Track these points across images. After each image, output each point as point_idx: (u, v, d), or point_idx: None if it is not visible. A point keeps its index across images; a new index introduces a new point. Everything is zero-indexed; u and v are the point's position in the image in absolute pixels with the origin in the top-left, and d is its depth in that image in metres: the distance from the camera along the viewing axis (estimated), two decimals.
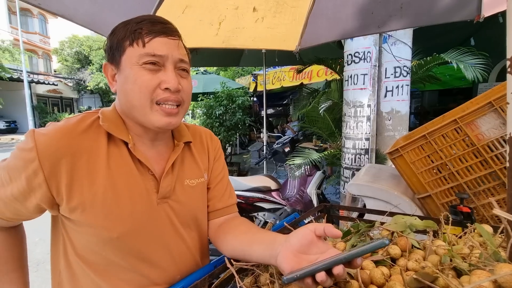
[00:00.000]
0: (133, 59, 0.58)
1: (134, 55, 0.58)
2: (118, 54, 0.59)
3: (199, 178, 0.74)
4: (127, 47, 0.58)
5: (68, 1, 0.89)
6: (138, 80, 0.57)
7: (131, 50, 0.58)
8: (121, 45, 0.59)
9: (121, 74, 0.60)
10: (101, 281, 0.61)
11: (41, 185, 0.54)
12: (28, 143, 0.53)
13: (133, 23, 0.59)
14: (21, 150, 0.55)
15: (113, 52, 0.60)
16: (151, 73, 0.58)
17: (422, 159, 1.20)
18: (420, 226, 0.71)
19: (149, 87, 0.58)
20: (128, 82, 0.58)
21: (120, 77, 0.60)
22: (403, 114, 2.83)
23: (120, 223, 0.59)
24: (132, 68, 0.58)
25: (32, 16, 21.34)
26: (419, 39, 3.01)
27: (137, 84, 0.57)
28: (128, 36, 0.58)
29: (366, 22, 1.44)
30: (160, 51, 0.58)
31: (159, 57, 0.58)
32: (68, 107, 22.05)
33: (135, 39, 0.58)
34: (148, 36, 0.58)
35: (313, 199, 2.59)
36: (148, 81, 0.58)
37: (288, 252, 0.49)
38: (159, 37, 0.59)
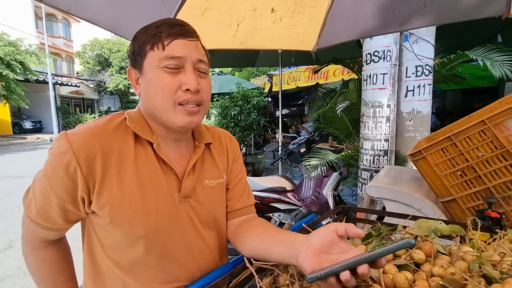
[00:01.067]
0: (154, 62, 0.60)
1: (155, 59, 0.59)
2: (140, 58, 0.61)
3: (219, 178, 0.75)
4: (148, 51, 0.60)
5: (94, 7, 0.93)
6: (160, 83, 0.59)
7: (152, 54, 0.60)
8: (142, 49, 0.61)
9: (144, 78, 0.62)
10: (127, 277, 0.63)
11: (82, 183, 0.57)
12: (62, 146, 0.56)
13: (153, 27, 0.61)
14: (56, 155, 0.57)
15: (135, 57, 0.62)
16: (172, 75, 0.60)
17: (446, 161, 1.15)
18: (446, 231, 0.68)
19: (170, 89, 0.59)
20: (150, 85, 0.60)
21: (143, 81, 0.62)
22: (424, 115, 2.74)
23: (146, 221, 0.61)
24: (153, 72, 0.60)
25: (56, 21, 22.38)
26: (442, 36, 2.90)
27: (159, 87, 0.59)
28: (149, 41, 0.60)
29: (386, 20, 1.40)
30: (179, 53, 0.59)
31: (178, 59, 0.60)
32: (89, 108, 22.95)
33: (155, 43, 0.59)
34: (167, 39, 0.59)
35: (329, 200, 2.55)
36: (169, 84, 0.59)
37: (309, 251, 0.49)
38: (178, 39, 0.60)
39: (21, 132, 17.08)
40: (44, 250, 0.66)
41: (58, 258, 0.68)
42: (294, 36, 1.52)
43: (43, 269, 0.67)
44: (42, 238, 0.65)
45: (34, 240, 0.65)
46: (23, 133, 16.99)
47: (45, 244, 0.66)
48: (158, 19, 0.64)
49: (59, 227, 0.62)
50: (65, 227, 0.64)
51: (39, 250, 0.66)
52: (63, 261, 0.69)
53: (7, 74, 11.43)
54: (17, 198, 4.71)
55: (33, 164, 7.86)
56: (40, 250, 0.66)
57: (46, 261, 0.67)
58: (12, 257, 2.84)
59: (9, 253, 2.93)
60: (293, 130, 9.04)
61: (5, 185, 5.56)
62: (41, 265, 0.67)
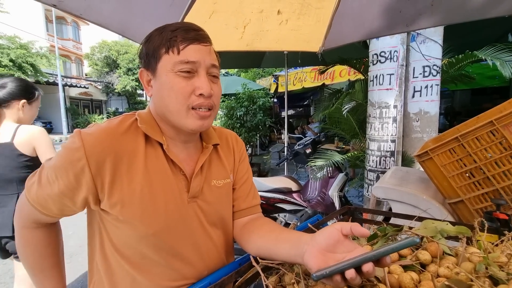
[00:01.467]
0: (168, 66, 0.61)
1: (169, 63, 0.61)
2: (154, 61, 0.62)
3: (225, 179, 0.76)
4: (163, 55, 0.61)
5: (106, 11, 0.96)
6: (175, 87, 0.60)
7: (167, 57, 0.61)
8: (157, 52, 0.62)
9: (157, 80, 0.63)
10: (136, 273, 0.65)
11: (88, 182, 0.58)
12: (75, 143, 0.57)
13: (168, 31, 0.61)
14: (68, 150, 0.58)
15: (149, 59, 0.63)
16: (186, 80, 0.61)
17: (454, 162, 1.14)
18: (452, 232, 0.68)
19: (184, 93, 0.61)
20: (164, 89, 0.61)
21: (156, 83, 0.63)
22: (432, 115, 2.71)
23: (155, 220, 0.63)
24: (167, 75, 0.61)
25: (66, 24, 22.83)
26: (451, 36, 2.86)
27: (173, 91, 0.61)
28: (164, 44, 0.61)
29: (393, 21, 1.40)
30: (193, 58, 0.61)
31: (192, 63, 0.61)
32: (98, 109, 23.31)
33: (170, 46, 0.60)
34: (182, 44, 0.61)
35: (335, 201, 2.54)
36: (183, 88, 0.60)
37: (315, 250, 0.49)
38: (193, 44, 0.61)
39: None
40: (33, 230, 0.67)
41: (45, 242, 0.68)
42: (300, 37, 1.53)
43: (27, 249, 0.67)
44: (35, 219, 0.65)
45: (25, 219, 0.66)
46: None
47: (36, 225, 0.66)
48: (166, 22, 0.65)
49: (53, 215, 0.64)
50: (58, 216, 0.65)
51: (28, 229, 0.66)
52: (48, 246, 0.69)
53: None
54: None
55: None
56: (28, 230, 0.66)
57: (31, 242, 0.67)
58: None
59: None
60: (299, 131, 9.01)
61: None
62: (26, 245, 0.67)
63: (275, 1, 1.30)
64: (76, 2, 0.85)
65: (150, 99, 0.69)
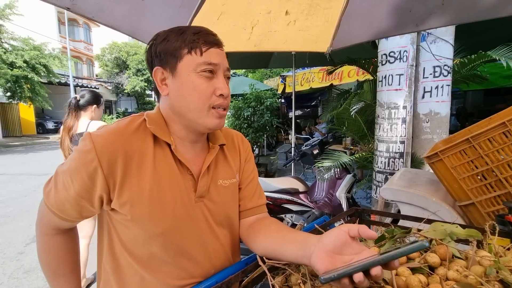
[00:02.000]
0: (191, 66, 0.62)
1: (192, 63, 0.62)
2: (174, 60, 0.63)
3: (232, 178, 0.77)
4: (185, 55, 0.63)
5: (117, 14, 0.98)
6: (198, 87, 0.63)
7: (189, 57, 0.63)
8: (177, 52, 0.63)
9: (177, 79, 0.64)
10: (145, 272, 0.66)
11: (102, 182, 0.60)
12: (87, 145, 0.59)
13: (190, 34, 0.63)
14: (80, 152, 0.60)
15: (167, 58, 0.64)
16: (207, 81, 0.63)
17: (464, 164, 1.12)
18: (462, 235, 0.67)
19: (207, 93, 0.63)
20: (186, 88, 0.63)
21: (175, 82, 0.64)
22: (443, 116, 2.66)
23: (164, 219, 0.64)
24: (189, 75, 0.63)
25: (78, 26, 23.32)
26: (462, 35, 2.80)
27: (196, 91, 0.63)
28: (187, 45, 0.63)
29: (403, 20, 1.38)
30: (215, 60, 0.64)
31: (214, 65, 0.63)
32: (108, 109, 23.68)
33: (193, 48, 0.62)
34: (205, 46, 0.63)
35: (343, 203, 2.52)
36: (206, 89, 0.63)
37: (322, 252, 0.49)
38: (213, 47, 0.64)
39: (44, 132, 17.93)
40: (54, 237, 0.69)
41: (65, 248, 0.71)
42: (308, 37, 1.52)
43: (49, 255, 0.70)
44: (55, 225, 0.67)
45: (46, 227, 0.68)
46: (46, 133, 17.82)
47: (56, 231, 0.68)
48: (176, 23, 0.67)
49: (72, 219, 0.65)
50: (77, 220, 0.67)
51: (49, 236, 0.68)
52: (69, 252, 0.72)
53: (32, 77, 12.02)
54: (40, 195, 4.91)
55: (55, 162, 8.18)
56: (49, 237, 0.68)
57: (52, 248, 0.69)
58: (36, 251, 2.98)
59: (33, 246, 3.08)
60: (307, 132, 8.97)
61: (29, 182, 5.84)
62: (47, 252, 0.70)
63: (283, 2, 1.31)
64: (89, 5, 0.87)
65: (161, 99, 0.70)
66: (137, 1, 0.97)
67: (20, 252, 2.96)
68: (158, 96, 0.71)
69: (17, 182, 5.88)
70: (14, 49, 11.85)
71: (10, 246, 3.10)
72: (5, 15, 10.96)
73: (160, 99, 0.70)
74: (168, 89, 0.66)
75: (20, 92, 12.00)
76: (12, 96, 12.27)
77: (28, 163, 8.18)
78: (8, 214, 4.02)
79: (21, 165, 7.93)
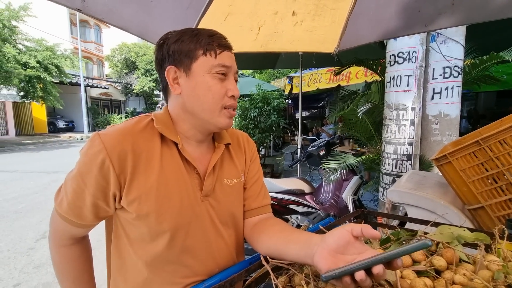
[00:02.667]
0: (205, 67, 0.64)
1: (207, 64, 0.64)
2: (189, 60, 0.65)
3: (237, 178, 0.78)
4: (200, 56, 0.64)
5: (126, 15, 1.00)
6: (213, 87, 0.65)
7: (204, 59, 0.64)
8: (192, 53, 0.65)
9: (191, 79, 0.65)
10: (150, 270, 0.67)
11: (114, 180, 0.61)
12: (96, 146, 0.60)
13: (205, 36, 0.65)
14: (90, 154, 0.60)
15: (181, 57, 0.65)
16: (220, 82, 0.66)
17: (474, 166, 1.10)
18: (470, 239, 0.66)
19: (220, 94, 0.66)
20: (200, 88, 0.65)
21: (190, 82, 0.66)
22: (452, 118, 2.61)
23: (170, 217, 0.65)
24: (204, 76, 0.65)
25: (89, 27, 23.78)
26: (474, 36, 2.75)
27: (211, 91, 0.65)
28: (202, 47, 0.64)
29: (412, 21, 1.36)
30: (228, 63, 0.66)
31: (226, 68, 0.66)
32: (117, 109, 24.11)
33: (208, 50, 0.64)
34: (219, 49, 0.65)
35: (349, 204, 2.50)
36: (220, 89, 0.66)
37: (325, 251, 0.49)
38: (226, 51, 0.67)
39: (55, 131, 18.35)
40: (70, 248, 0.70)
41: (82, 257, 0.72)
42: (315, 38, 1.52)
43: (67, 266, 0.70)
44: (70, 235, 0.68)
45: (61, 238, 0.69)
46: (57, 131, 18.24)
47: (71, 242, 0.69)
48: (184, 24, 0.70)
49: (89, 223, 0.66)
50: (93, 223, 0.68)
51: (65, 248, 0.69)
52: (86, 260, 0.73)
53: (45, 77, 12.32)
54: (51, 192, 5.05)
55: (65, 161, 8.40)
56: (66, 248, 0.69)
57: (71, 259, 0.70)
58: (46, 246, 3.04)
59: (44, 242, 3.16)
60: (313, 133, 8.93)
61: (41, 179, 5.98)
62: (66, 263, 0.70)
63: (290, 2, 1.31)
64: (99, 6, 0.89)
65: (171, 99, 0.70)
66: (146, 3, 0.99)
67: (30, 247, 3.04)
68: (166, 96, 0.72)
69: (29, 179, 6.03)
70: (27, 50, 12.17)
71: (21, 241, 3.18)
72: (19, 17, 11.26)
73: (170, 99, 0.71)
74: (180, 88, 0.67)
75: (33, 91, 12.32)
76: (25, 95, 12.61)
77: (39, 161, 8.37)
78: (20, 210, 4.13)
79: (32, 162, 8.13)
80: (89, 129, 17.15)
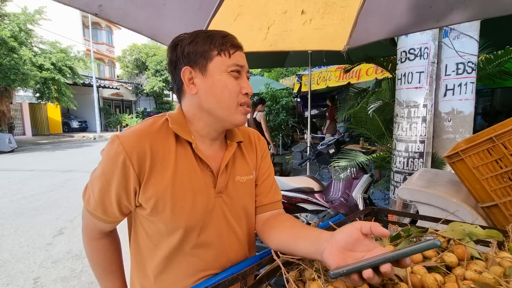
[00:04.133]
0: (221, 67, 0.67)
1: (222, 64, 0.67)
2: (205, 61, 0.67)
3: (249, 175, 0.80)
4: (215, 56, 0.67)
5: (140, 18, 1.03)
6: (229, 85, 0.68)
7: (219, 59, 0.67)
8: (208, 53, 0.67)
9: (208, 78, 0.68)
10: (165, 264, 0.71)
11: (134, 179, 0.64)
12: (116, 147, 0.63)
13: (219, 37, 0.68)
14: (111, 156, 0.64)
15: (197, 58, 0.68)
16: (235, 80, 0.69)
17: (488, 164, 1.08)
18: (482, 236, 0.66)
19: (236, 91, 0.69)
20: (217, 86, 0.67)
21: (206, 81, 0.68)
22: (466, 115, 2.55)
23: (185, 214, 0.67)
24: (221, 75, 0.67)
25: (101, 29, 24.28)
26: (488, 30, 2.67)
27: (227, 89, 0.68)
28: (216, 47, 0.67)
29: (423, 17, 1.35)
30: (241, 62, 0.69)
31: (240, 66, 0.69)
32: (128, 109, 24.54)
33: (222, 50, 0.67)
34: (232, 49, 0.68)
35: (359, 203, 2.49)
36: (235, 87, 0.68)
37: (334, 248, 0.50)
38: (238, 51, 0.69)
39: (69, 131, 18.88)
40: (100, 241, 0.75)
41: (111, 248, 0.77)
42: (324, 36, 1.52)
43: (98, 257, 0.76)
44: (99, 229, 0.73)
45: (92, 232, 0.74)
46: (71, 131, 18.76)
47: (101, 235, 0.74)
48: (195, 25, 0.73)
49: (115, 219, 0.71)
50: (119, 219, 0.72)
51: (96, 241, 0.75)
52: (115, 251, 0.78)
53: (59, 79, 12.68)
54: (66, 190, 5.22)
55: (79, 160, 8.64)
56: (96, 241, 0.75)
57: (101, 250, 0.76)
58: (63, 242, 3.16)
59: (60, 238, 3.27)
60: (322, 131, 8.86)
61: (56, 178, 6.18)
62: (97, 254, 0.76)
63: (299, 1, 1.31)
64: (114, 10, 0.93)
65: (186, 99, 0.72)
66: (159, 6, 1.02)
67: (48, 243, 3.15)
68: (180, 96, 0.74)
69: (45, 177, 6.24)
70: (42, 52, 12.55)
71: (40, 237, 3.30)
72: (35, 20, 11.60)
73: (184, 99, 0.73)
74: (196, 88, 0.69)
75: (48, 93, 12.70)
76: (41, 97, 13.01)
77: (55, 160, 8.64)
78: (38, 208, 4.28)
79: (48, 161, 8.40)
80: (101, 129, 17.55)
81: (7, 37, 9.87)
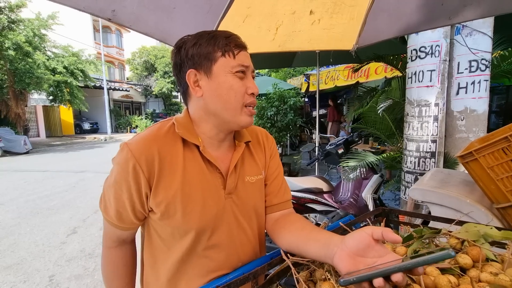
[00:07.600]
0: (226, 68, 0.67)
1: (227, 65, 0.67)
2: (209, 63, 0.67)
3: (258, 175, 0.80)
4: (219, 58, 0.67)
5: (151, 22, 1.05)
6: (234, 86, 0.67)
7: (224, 60, 0.67)
8: (211, 55, 0.67)
9: (213, 80, 0.67)
10: (178, 266, 0.71)
11: (145, 184, 0.65)
12: (125, 154, 0.64)
13: (222, 38, 0.67)
14: (122, 164, 0.64)
15: (201, 60, 0.67)
16: (241, 81, 0.68)
17: (503, 164, 1.05)
18: (497, 237, 0.64)
19: (241, 92, 0.68)
20: (223, 88, 0.67)
21: (211, 83, 0.68)
22: (480, 114, 2.49)
23: (195, 216, 0.68)
24: (226, 76, 0.67)
25: (111, 32, 24.74)
26: (502, 26, 2.60)
27: (233, 90, 0.67)
28: (220, 48, 0.67)
29: (434, 14, 1.32)
30: (246, 62, 0.69)
31: (245, 67, 0.68)
32: (137, 110, 24.95)
33: (226, 51, 0.67)
34: (236, 50, 0.67)
35: (369, 203, 2.45)
36: (241, 88, 0.68)
37: (345, 254, 0.49)
38: (243, 51, 0.69)
39: (81, 132, 19.35)
40: (114, 250, 0.75)
41: (122, 261, 0.77)
42: (333, 36, 1.51)
43: (107, 267, 0.77)
44: (117, 237, 0.74)
45: (109, 240, 0.74)
46: (83, 133, 19.23)
47: (116, 244, 0.75)
48: (204, 27, 0.73)
49: (131, 225, 0.71)
50: (136, 225, 0.73)
51: (110, 249, 0.75)
52: (124, 266, 0.77)
53: (71, 82, 13.01)
54: (79, 190, 5.35)
55: (91, 160, 8.83)
56: (110, 250, 0.75)
57: (112, 261, 0.76)
58: (76, 241, 3.24)
59: (74, 238, 3.35)
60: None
61: (69, 178, 6.34)
62: (105, 264, 0.76)
63: (307, 2, 1.31)
64: (127, 15, 0.95)
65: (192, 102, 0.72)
66: (169, 9, 1.04)
67: (62, 242, 3.24)
68: (186, 99, 0.74)
69: (59, 178, 6.41)
70: (55, 56, 12.90)
71: (54, 236, 3.40)
72: (48, 25, 11.94)
73: (190, 102, 0.73)
74: (202, 90, 0.68)
75: (60, 95, 13.05)
76: (54, 99, 13.37)
77: (68, 161, 8.86)
78: (52, 207, 4.40)
79: (62, 162, 8.62)
80: (112, 130, 17.91)
81: (22, 42, 10.19)
